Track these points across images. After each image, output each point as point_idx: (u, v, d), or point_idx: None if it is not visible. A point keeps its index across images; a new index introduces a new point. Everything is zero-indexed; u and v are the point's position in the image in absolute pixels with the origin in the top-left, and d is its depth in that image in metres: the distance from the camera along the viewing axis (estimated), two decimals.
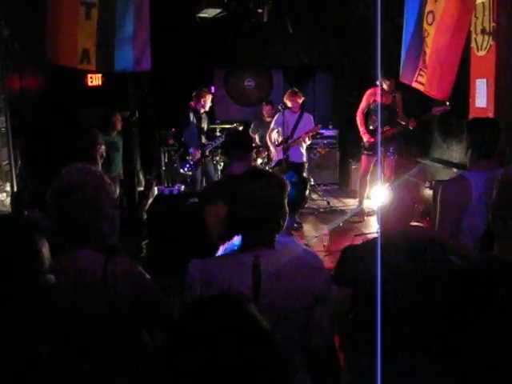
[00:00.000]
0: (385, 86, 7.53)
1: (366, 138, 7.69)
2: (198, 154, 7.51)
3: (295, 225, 6.91)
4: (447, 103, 6.50)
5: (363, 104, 7.76)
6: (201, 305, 1.21)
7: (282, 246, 2.18)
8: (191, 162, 7.55)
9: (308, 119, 7.66)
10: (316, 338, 2.00)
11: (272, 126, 7.71)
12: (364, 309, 2.72)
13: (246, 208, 1.98)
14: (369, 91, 7.78)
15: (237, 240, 2.10)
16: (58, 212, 2.12)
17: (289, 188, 2.10)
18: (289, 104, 7.47)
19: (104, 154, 4.34)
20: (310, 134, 7.61)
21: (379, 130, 7.50)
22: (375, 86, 7.72)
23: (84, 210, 2.10)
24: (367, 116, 7.82)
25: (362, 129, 7.76)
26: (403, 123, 7.41)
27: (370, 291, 2.71)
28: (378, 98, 7.68)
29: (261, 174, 2.15)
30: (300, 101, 7.51)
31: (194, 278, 2.00)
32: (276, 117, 7.76)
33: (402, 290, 2.69)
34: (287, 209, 2.07)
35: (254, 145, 6.27)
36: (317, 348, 2.01)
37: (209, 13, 8.27)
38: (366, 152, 7.76)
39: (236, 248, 2.08)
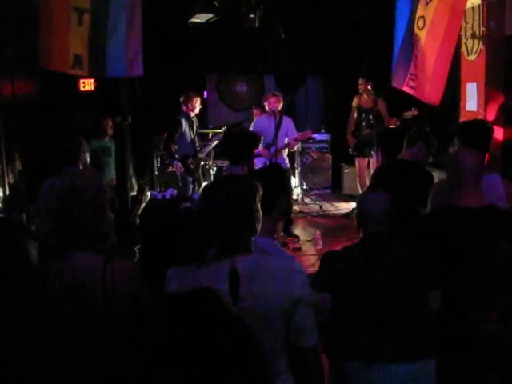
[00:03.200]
0: (361, 87, 8.04)
1: (348, 139, 8.28)
2: (180, 169, 7.48)
3: (295, 239, 6.82)
4: (413, 108, 7.20)
5: (352, 108, 8.34)
6: (177, 299, 1.21)
7: (259, 248, 2.19)
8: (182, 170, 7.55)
9: (289, 123, 7.48)
10: (299, 340, 2.01)
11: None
12: (342, 315, 2.74)
13: (220, 214, 1.99)
14: (355, 96, 8.32)
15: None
16: (61, 214, 2.16)
17: (261, 191, 2.12)
18: (266, 107, 7.36)
19: (88, 162, 4.37)
20: (301, 139, 7.56)
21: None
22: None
23: (87, 211, 2.15)
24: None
25: (348, 131, 8.30)
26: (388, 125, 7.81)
27: (347, 300, 2.73)
28: (360, 102, 8.20)
29: (234, 179, 2.17)
30: (280, 104, 7.33)
31: (173, 286, 2.02)
32: (254, 122, 7.62)
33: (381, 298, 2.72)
34: (261, 212, 2.09)
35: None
36: (301, 349, 2.02)
37: (201, 18, 8.28)
38: (354, 153, 8.31)
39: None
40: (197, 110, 7.58)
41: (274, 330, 1.96)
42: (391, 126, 7.68)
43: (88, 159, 4.40)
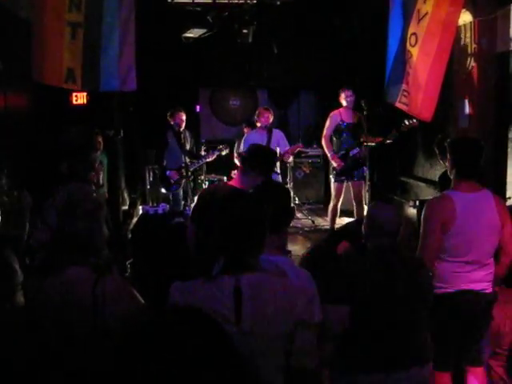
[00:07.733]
0: (344, 102, 7.20)
1: (336, 163, 7.20)
2: (176, 175, 7.47)
3: (287, 254, 6.69)
4: (414, 120, 6.29)
5: (329, 127, 7.33)
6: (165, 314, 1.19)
7: (268, 265, 2.17)
8: (172, 182, 7.52)
9: (279, 135, 7.45)
10: (300, 361, 1.99)
11: (242, 148, 7.36)
12: (363, 324, 2.73)
13: (228, 231, 1.98)
14: (333, 112, 7.38)
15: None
16: (59, 226, 2.18)
17: (269, 210, 2.11)
18: (259, 122, 7.32)
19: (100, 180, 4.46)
20: (292, 152, 7.54)
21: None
22: (340, 106, 7.36)
23: (82, 224, 2.17)
24: (336, 139, 7.40)
25: (330, 154, 7.27)
26: (369, 143, 7.00)
27: (366, 305, 2.73)
28: (346, 118, 7.26)
29: (242, 197, 2.16)
30: (271, 117, 7.35)
31: (176, 301, 2.00)
32: (244, 139, 7.55)
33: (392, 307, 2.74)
34: (267, 231, 2.08)
35: None
36: (301, 371, 2.00)
37: (194, 33, 8.33)
38: (337, 178, 7.38)
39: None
40: (183, 126, 7.47)
41: (273, 349, 1.94)
42: (388, 142, 6.91)
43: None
